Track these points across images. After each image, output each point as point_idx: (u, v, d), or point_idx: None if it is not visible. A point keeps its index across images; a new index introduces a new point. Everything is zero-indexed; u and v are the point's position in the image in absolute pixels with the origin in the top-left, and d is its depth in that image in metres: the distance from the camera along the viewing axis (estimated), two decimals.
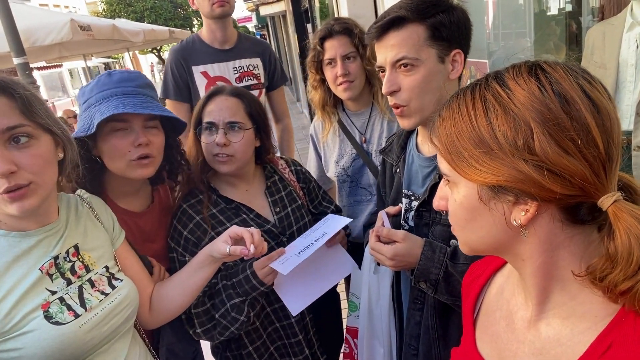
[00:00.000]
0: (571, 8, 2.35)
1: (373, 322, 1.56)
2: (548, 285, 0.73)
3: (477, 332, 0.91)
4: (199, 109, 1.63)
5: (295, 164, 1.90)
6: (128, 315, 1.25)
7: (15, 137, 1.04)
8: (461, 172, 0.72)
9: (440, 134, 0.76)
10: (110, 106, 1.36)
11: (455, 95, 0.76)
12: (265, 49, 2.77)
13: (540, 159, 0.64)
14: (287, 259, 1.49)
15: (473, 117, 0.70)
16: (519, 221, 0.69)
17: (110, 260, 1.29)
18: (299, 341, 1.69)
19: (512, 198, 0.68)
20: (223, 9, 2.52)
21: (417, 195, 1.39)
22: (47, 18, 6.25)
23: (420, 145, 1.41)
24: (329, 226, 1.60)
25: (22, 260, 1.10)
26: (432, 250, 1.25)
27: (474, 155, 0.70)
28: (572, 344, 0.70)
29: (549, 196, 0.65)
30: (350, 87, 1.97)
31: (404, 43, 1.23)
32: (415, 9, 1.22)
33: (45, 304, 1.10)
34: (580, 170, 0.64)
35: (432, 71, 1.24)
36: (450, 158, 0.73)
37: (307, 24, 9.27)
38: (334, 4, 4.57)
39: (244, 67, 2.69)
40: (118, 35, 7.44)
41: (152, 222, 1.60)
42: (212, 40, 2.66)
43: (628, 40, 1.59)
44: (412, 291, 1.40)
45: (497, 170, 0.67)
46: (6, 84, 1.05)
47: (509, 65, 0.73)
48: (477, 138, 0.69)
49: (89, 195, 1.37)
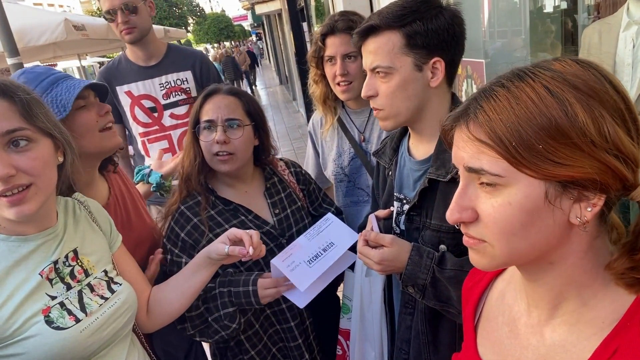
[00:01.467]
0: (566, 6, 2.34)
1: (365, 324, 1.56)
2: (565, 291, 0.72)
3: (478, 337, 0.90)
4: (197, 109, 1.62)
5: (295, 166, 1.90)
6: (127, 320, 1.24)
7: (15, 140, 1.05)
8: (529, 168, 0.64)
9: (493, 127, 0.66)
10: (69, 86, 1.39)
11: (496, 86, 0.68)
12: (197, 61, 2.72)
13: (617, 147, 0.62)
14: (297, 264, 1.48)
15: (542, 106, 0.63)
16: (584, 217, 0.64)
17: (108, 264, 1.29)
18: (299, 345, 1.68)
19: (576, 193, 0.64)
20: (130, 37, 2.51)
21: (409, 199, 1.39)
22: (41, 18, 6.22)
23: (412, 149, 1.41)
24: (333, 234, 1.58)
25: (22, 265, 1.10)
26: (420, 255, 1.24)
27: (551, 148, 0.62)
28: (577, 349, 0.69)
29: (619, 187, 0.64)
30: (349, 89, 1.94)
31: (380, 50, 1.24)
32: (392, 16, 1.22)
33: (46, 309, 1.09)
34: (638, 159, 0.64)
35: (407, 79, 1.24)
36: (514, 153, 0.64)
37: (302, 22, 9.25)
38: (329, 3, 4.56)
39: (171, 83, 2.66)
40: (113, 34, 7.38)
41: (119, 211, 1.59)
42: (135, 58, 2.63)
43: (624, 39, 1.58)
44: (403, 295, 1.40)
45: (582, 162, 0.62)
46: (7, 87, 1.05)
47: (548, 59, 0.69)
48: (553, 128, 0.62)
49: (86, 198, 1.36)
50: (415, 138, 1.39)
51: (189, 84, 2.68)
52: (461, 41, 1.26)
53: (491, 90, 0.68)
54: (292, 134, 10.02)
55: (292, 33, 10.04)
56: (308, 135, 2.35)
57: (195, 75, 2.69)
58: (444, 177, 1.23)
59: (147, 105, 2.65)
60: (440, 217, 1.25)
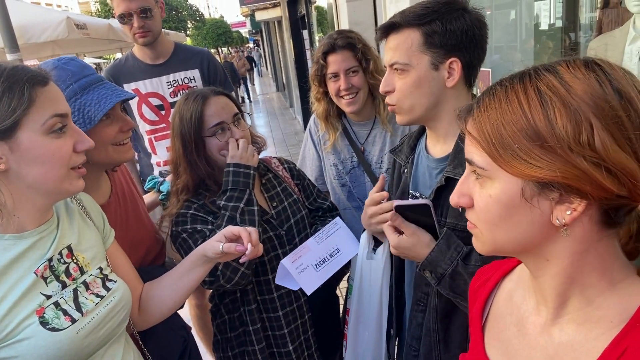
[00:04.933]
0: (562, 24, 2.39)
1: (362, 306, 1.58)
2: (567, 289, 0.72)
3: (486, 337, 0.90)
4: (195, 118, 1.58)
5: (288, 162, 1.93)
6: (122, 318, 1.21)
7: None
8: (505, 165, 0.68)
9: (482, 124, 0.70)
10: (101, 97, 1.37)
11: (498, 85, 0.72)
12: (204, 59, 2.74)
13: (600, 156, 0.62)
14: (305, 267, 1.52)
15: (526, 108, 0.66)
16: (562, 220, 0.66)
17: (103, 261, 1.25)
18: (298, 344, 1.68)
19: (557, 196, 0.66)
20: (144, 40, 2.53)
21: (424, 197, 1.39)
22: (43, 15, 6.20)
23: (429, 147, 1.42)
24: (339, 240, 1.64)
25: (18, 263, 1.06)
26: (448, 245, 1.23)
27: (525, 148, 0.65)
28: (585, 349, 0.69)
29: (601, 195, 0.63)
30: (354, 101, 2.01)
31: (399, 47, 1.27)
32: (413, 15, 1.24)
33: (40, 309, 1.05)
34: (635, 170, 0.62)
35: (422, 77, 1.26)
36: (493, 149, 0.68)
37: (303, 30, 9.30)
38: (333, 11, 4.59)
39: (179, 81, 2.66)
40: (113, 35, 7.40)
41: (119, 211, 1.57)
42: (143, 56, 2.64)
43: (630, 52, 1.61)
44: (415, 293, 1.41)
45: (553, 165, 0.64)
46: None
47: (558, 60, 0.70)
48: (530, 130, 0.65)
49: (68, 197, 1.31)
50: (432, 137, 1.40)
51: (196, 82, 2.69)
52: (481, 44, 1.27)
53: (493, 89, 0.72)
54: (289, 140, 10.03)
55: (292, 40, 10.09)
56: (305, 137, 2.36)
57: (202, 74, 2.70)
58: (460, 176, 1.23)
59: (155, 103, 2.65)
60: (455, 216, 1.25)
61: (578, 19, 2.25)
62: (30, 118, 1.01)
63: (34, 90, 1.02)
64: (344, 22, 4.12)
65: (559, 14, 2.40)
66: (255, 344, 1.65)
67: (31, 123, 1.02)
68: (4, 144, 1.00)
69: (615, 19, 1.89)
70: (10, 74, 1.00)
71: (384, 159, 2.09)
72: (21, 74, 1.01)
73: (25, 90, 1.00)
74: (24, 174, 1.03)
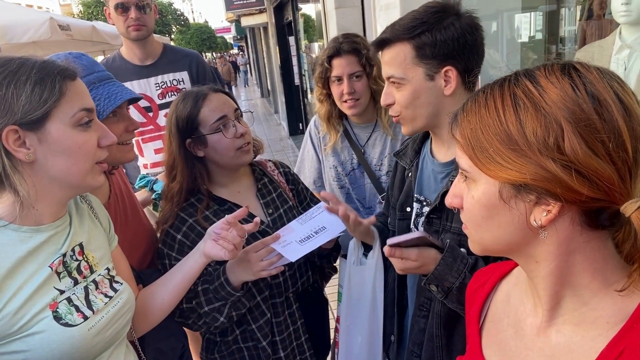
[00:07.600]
0: (542, 36, 2.45)
1: (353, 311, 1.57)
2: (560, 290, 0.73)
3: (483, 340, 0.91)
4: (194, 116, 1.55)
5: (283, 166, 1.91)
6: (127, 321, 1.21)
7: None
8: (483, 168, 0.71)
9: (463, 128, 0.74)
10: (110, 93, 1.37)
11: (482, 90, 0.74)
12: (193, 61, 2.73)
13: (570, 159, 0.63)
14: (288, 243, 1.48)
15: (501, 113, 0.69)
16: (539, 221, 0.68)
17: (110, 262, 1.25)
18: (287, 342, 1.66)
19: (534, 198, 0.67)
20: (138, 33, 2.50)
21: (429, 201, 1.39)
22: (26, 16, 6.11)
23: (434, 151, 1.42)
24: (326, 220, 1.56)
25: (34, 256, 1.05)
26: (454, 257, 1.21)
27: (499, 151, 0.68)
28: (583, 350, 0.70)
29: (574, 198, 0.65)
30: (356, 105, 2.04)
31: (393, 62, 1.28)
32: (402, 29, 1.25)
33: (53, 303, 1.04)
34: (608, 174, 0.63)
35: (419, 89, 1.27)
36: (472, 153, 0.72)
37: (289, 36, 9.32)
38: (322, 18, 4.61)
39: (167, 83, 2.64)
40: (97, 37, 7.32)
41: (119, 211, 1.56)
42: (131, 57, 2.62)
43: (617, 62, 1.65)
44: (417, 298, 1.40)
45: (524, 167, 0.66)
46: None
47: (539, 65, 0.72)
48: (504, 134, 0.68)
49: (87, 192, 1.32)
50: (437, 141, 1.41)
51: (185, 84, 2.66)
52: (475, 48, 1.27)
53: (476, 95, 0.75)
54: (274, 146, 10.01)
55: (278, 47, 10.10)
56: (305, 139, 2.36)
57: (191, 76, 2.68)
58: None
59: (143, 105, 2.62)
60: (461, 221, 1.25)
61: (558, 31, 2.30)
62: (60, 110, 1.03)
63: (65, 83, 1.04)
64: (332, 28, 4.14)
65: (539, 26, 2.45)
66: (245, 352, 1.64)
67: (61, 115, 1.03)
68: (33, 134, 1.01)
69: (597, 31, 1.94)
70: (42, 66, 1.02)
71: (384, 161, 2.11)
72: (52, 67, 1.04)
73: (57, 83, 1.02)
74: (49, 166, 1.04)
